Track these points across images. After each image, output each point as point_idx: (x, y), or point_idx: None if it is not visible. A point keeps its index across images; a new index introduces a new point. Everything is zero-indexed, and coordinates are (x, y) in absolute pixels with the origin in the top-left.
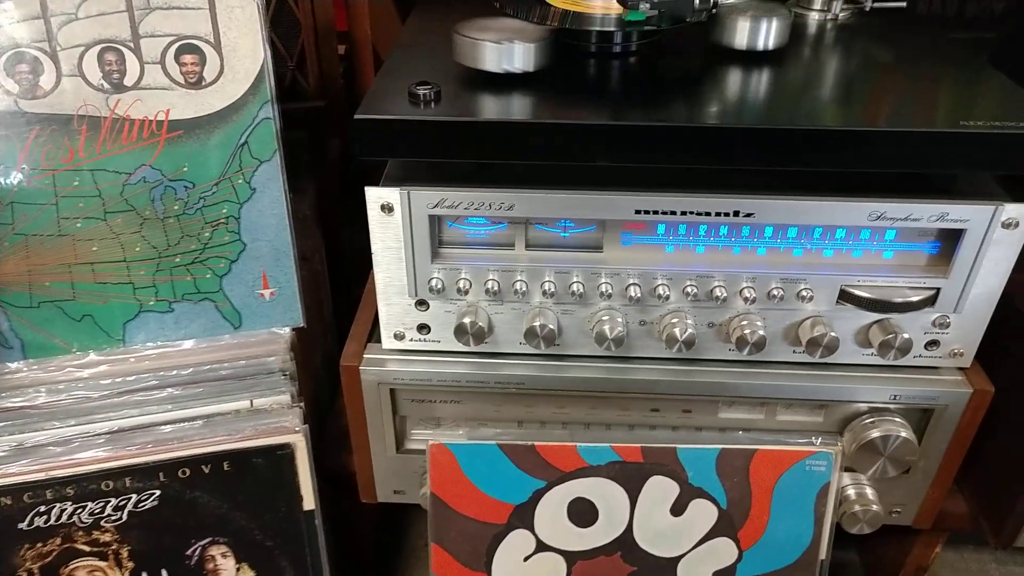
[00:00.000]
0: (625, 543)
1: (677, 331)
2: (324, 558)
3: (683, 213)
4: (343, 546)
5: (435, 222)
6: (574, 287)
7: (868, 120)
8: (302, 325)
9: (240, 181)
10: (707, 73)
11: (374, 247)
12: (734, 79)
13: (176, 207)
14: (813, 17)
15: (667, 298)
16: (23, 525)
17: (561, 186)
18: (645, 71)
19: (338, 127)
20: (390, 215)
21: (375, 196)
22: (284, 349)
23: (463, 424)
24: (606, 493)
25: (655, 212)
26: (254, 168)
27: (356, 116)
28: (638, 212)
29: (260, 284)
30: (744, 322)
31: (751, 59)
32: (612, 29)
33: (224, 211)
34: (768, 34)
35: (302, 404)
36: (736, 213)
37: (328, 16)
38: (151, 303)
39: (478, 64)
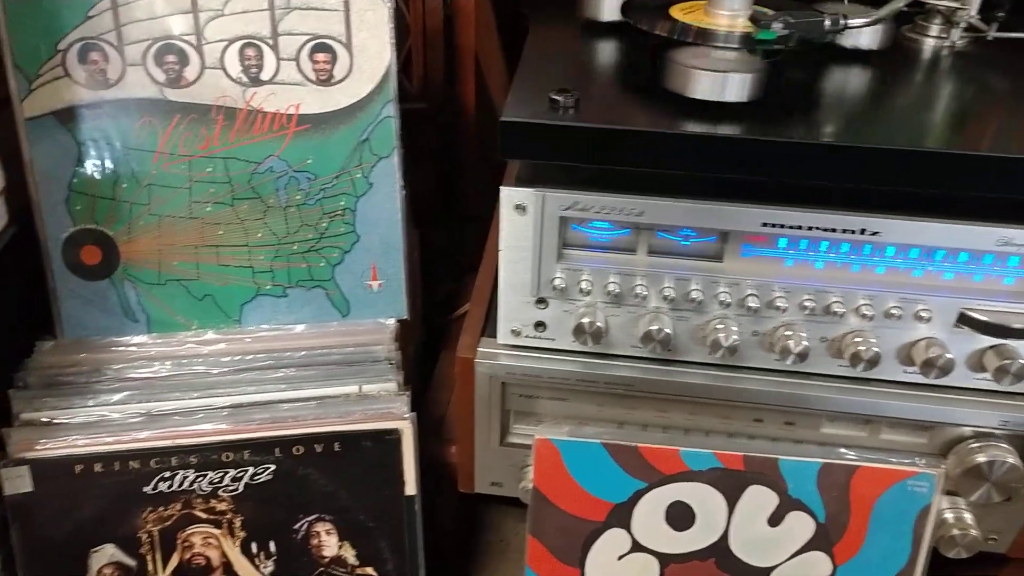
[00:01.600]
0: (719, 549)
1: (791, 343)
2: (420, 543)
3: (809, 228)
4: (426, 533)
5: (562, 224)
6: (693, 294)
7: (997, 146)
8: (406, 317)
9: (359, 175)
10: (831, 91)
11: (502, 245)
12: (858, 99)
13: (298, 197)
14: (928, 43)
15: (784, 310)
16: (148, 489)
17: (686, 195)
18: (770, 87)
19: (437, 129)
20: (522, 215)
21: (509, 196)
22: (389, 339)
23: (565, 421)
24: (705, 498)
25: (782, 226)
26: (373, 163)
27: (502, 119)
28: (765, 225)
29: (369, 275)
30: (858, 339)
31: (874, 79)
32: (736, 46)
33: (342, 203)
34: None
35: (409, 392)
36: (862, 231)
37: (437, 22)
38: (267, 287)
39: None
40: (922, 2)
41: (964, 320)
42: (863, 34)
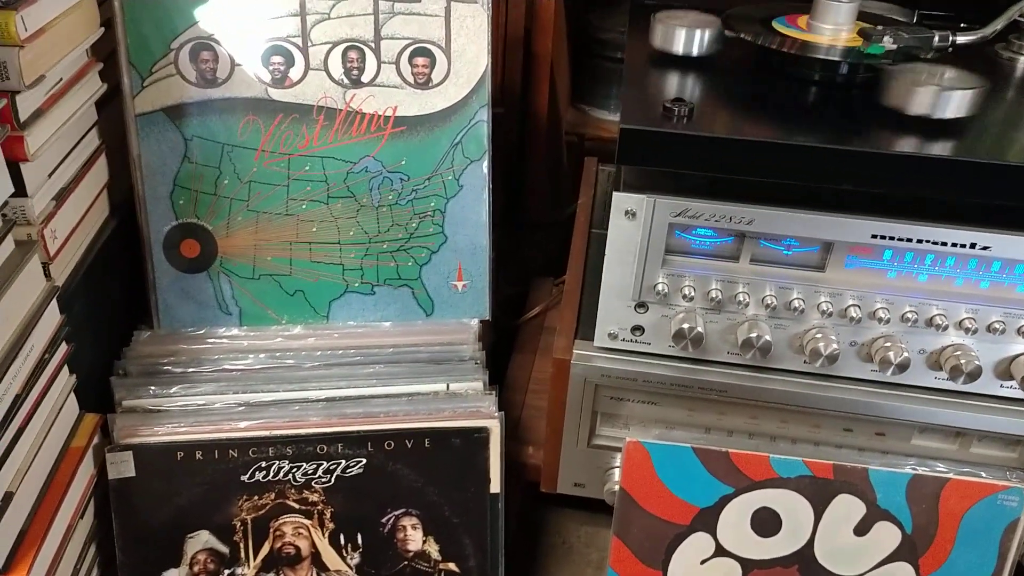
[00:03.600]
0: (804, 557)
1: (892, 354)
2: (501, 541)
3: (919, 241)
4: None
5: (669, 231)
6: (795, 303)
7: None
8: (488, 318)
9: (450, 177)
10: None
11: (609, 249)
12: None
13: (390, 197)
14: (1022, 61)
15: (887, 321)
16: (245, 478)
17: (791, 205)
18: (875, 103)
19: (512, 133)
20: (632, 220)
21: (620, 202)
22: (473, 339)
23: (653, 425)
24: (792, 506)
25: (891, 238)
26: (464, 166)
27: (622, 126)
28: (874, 236)
29: (455, 276)
30: (958, 352)
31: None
32: (837, 59)
33: (432, 204)
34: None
35: (496, 391)
36: (972, 245)
37: (518, 30)
38: (356, 285)
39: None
40: (1018, 21)
41: None
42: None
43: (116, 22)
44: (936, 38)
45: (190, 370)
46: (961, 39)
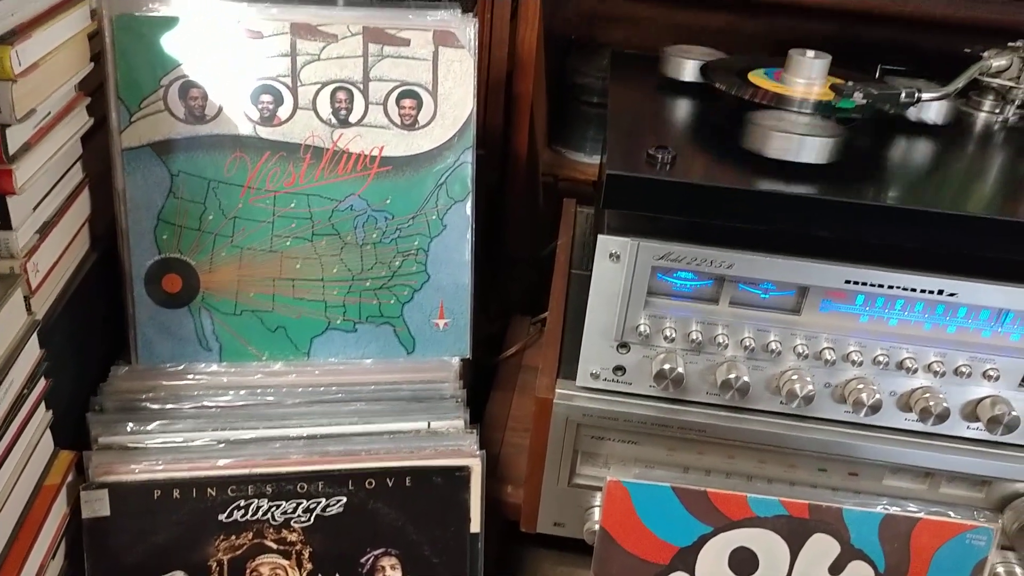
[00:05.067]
0: None
1: (864, 396)
2: None
3: (890, 287)
4: None
5: (651, 273)
6: (772, 345)
7: None
8: (469, 356)
9: (434, 217)
10: (903, 162)
11: (592, 291)
12: (929, 166)
13: (375, 235)
14: (981, 117)
15: (860, 364)
16: (223, 517)
17: (768, 250)
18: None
19: (493, 173)
20: (615, 263)
21: (605, 244)
22: (455, 377)
23: (632, 464)
24: (769, 545)
25: (864, 283)
26: (448, 206)
27: (608, 172)
28: (848, 282)
29: (437, 314)
30: (927, 394)
31: (938, 149)
32: (810, 112)
33: (416, 243)
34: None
35: (477, 430)
36: (940, 291)
37: (501, 72)
38: (338, 322)
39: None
40: (978, 80)
41: None
42: (931, 108)
43: (106, 57)
44: (903, 94)
45: (168, 406)
46: (926, 95)
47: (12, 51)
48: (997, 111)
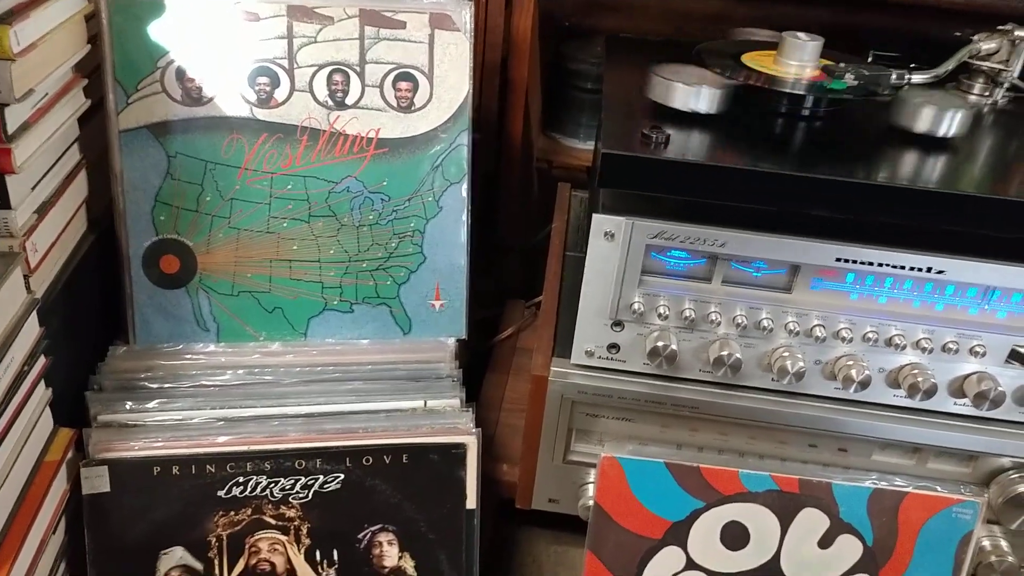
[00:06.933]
0: (771, 570)
1: (854, 372)
2: (476, 557)
3: (879, 265)
4: None
5: (645, 252)
6: (764, 322)
7: None
8: (465, 337)
9: (430, 199)
10: (891, 141)
11: (587, 269)
12: (919, 146)
13: (371, 217)
14: (971, 99)
15: (850, 340)
16: (221, 493)
17: (761, 229)
18: (837, 135)
19: (488, 161)
20: (610, 241)
21: (600, 223)
22: (451, 357)
23: (627, 441)
24: (760, 519)
25: (854, 261)
26: (444, 188)
27: (604, 151)
28: (838, 260)
29: (433, 295)
30: (915, 370)
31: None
32: (802, 93)
33: (412, 225)
34: (951, 123)
35: (473, 408)
36: (928, 269)
37: (496, 57)
38: (335, 302)
39: (670, 102)
40: (968, 63)
41: (1015, 356)
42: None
43: (103, 39)
44: (893, 76)
45: (167, 385)
46: (916, 78)
47: (11, 31)
48: (987, 94)
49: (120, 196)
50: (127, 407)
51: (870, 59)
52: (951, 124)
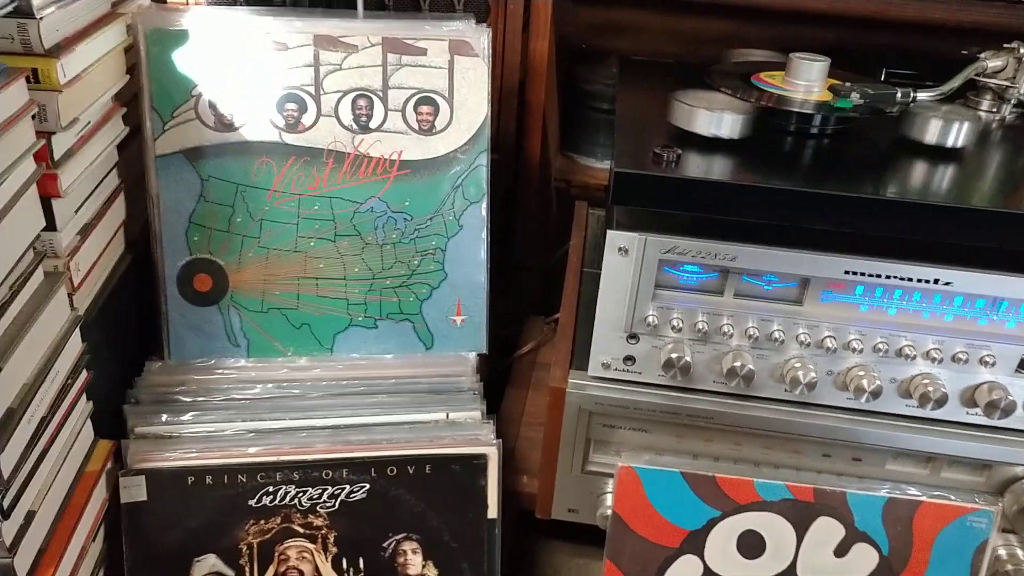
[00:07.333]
0: None
1: (865, 383)
2: (498, 566)
3: (888, 277)
4: None
5: (659, 266)
6: (776, 334)
7: None
8: (485, 351)
9: (451, 218)
10: (899, 156)
11: (603, 284)
12: (927, 162)
13: (394, 236)
14: (979, 115)
15: (860, 351)
16: (252, 502)
17: (772, 243)
18: (846, 151)
19: (506, 178)
20: (624, 257)
21: (614, 239)
22: (472, 371)
23: (644, 452)
24: (776, 528)
25: (863, 274)
26: (464, 207)
27: (616, 170)
28: (847, 272)
29: (454, 311)
30: (926, 380)
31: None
32: (810, 112)
33: (433, 243)
34: (959, 133)
35: (494, 420)
36: (936, 281)
37: (514, 80)
38: (360, 319)
39: (693, 128)
40: (975, 80)
41: None
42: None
43: (141, 70)
44: (899, 94)
45: (200, 399)
46: (922, 96)
47: (58, 64)
48: (994, 110)
49: (156, 218)
50: (163, 419)
51: (883, 78)
52: (959, 134)
